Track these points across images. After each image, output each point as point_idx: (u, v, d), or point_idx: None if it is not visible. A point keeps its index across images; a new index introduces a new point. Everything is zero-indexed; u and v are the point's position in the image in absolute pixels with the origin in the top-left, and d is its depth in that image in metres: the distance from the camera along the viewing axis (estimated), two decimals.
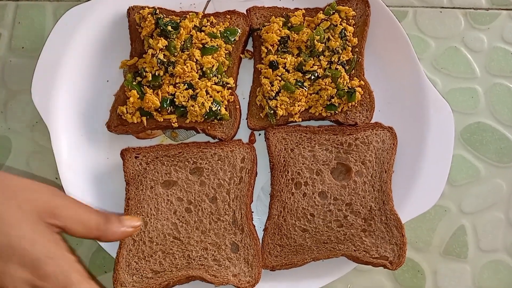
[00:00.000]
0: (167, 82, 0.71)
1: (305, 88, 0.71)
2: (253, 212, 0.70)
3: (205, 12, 0.78)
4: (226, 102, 0.72)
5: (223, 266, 0.65)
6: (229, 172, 0.69)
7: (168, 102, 0.70)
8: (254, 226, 0.68)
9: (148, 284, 0.64)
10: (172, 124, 0.70)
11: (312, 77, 0.72)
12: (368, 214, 0.67)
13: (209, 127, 0.71)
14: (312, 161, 0.69)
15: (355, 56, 0.74)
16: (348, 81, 0.72)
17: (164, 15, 0.73)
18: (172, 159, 0.68)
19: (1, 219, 0.48)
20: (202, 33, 0.73)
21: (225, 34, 0.73)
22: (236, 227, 0.67)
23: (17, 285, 0.47)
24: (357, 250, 0.66)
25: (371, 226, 0.67)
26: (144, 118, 0.70)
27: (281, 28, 0.74)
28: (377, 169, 0.69)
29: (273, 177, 0.70)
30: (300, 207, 0.67)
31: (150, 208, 0.67)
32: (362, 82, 0.73)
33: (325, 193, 0.68)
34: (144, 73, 0.71)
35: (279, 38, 0.73)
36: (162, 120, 0.70)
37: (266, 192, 0.71)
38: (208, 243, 0.66)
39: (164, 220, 0.67)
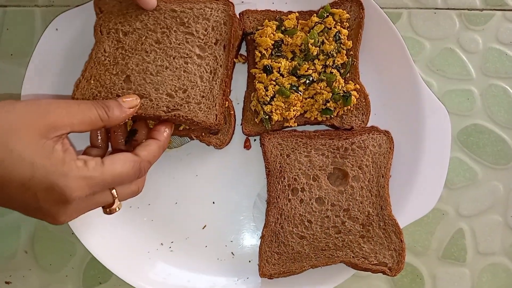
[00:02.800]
0: None
1: (300, 93, 0.70)
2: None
3: None
4: None
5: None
6: None
7: None
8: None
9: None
10: None
11: (307, 81, 0.71)
12: (366, 219, 0.66)
13: (203, 134, 0.70)
14: (309, 166, 0.68)
15: (350, 59, 0.73)
16: (343, 85, 0.71)
17: None
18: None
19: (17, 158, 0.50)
20: None
21: None
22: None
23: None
24: (356, 256, 0.65)
25: (369, 232, 0.66)
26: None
27: (274, 32, 0.73)
28: (374, 174, 0.68)
29: (269, 184, 0.69)
30: (297, 214, 0.66)
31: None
32: (358, 86, 0.72)
33: (322, 199, 0.67)
34: None
35: (273, 42, 0.72)
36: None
37: (263, 199, 0.70)
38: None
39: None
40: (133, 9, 0.70)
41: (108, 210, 0.58)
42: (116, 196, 0.57)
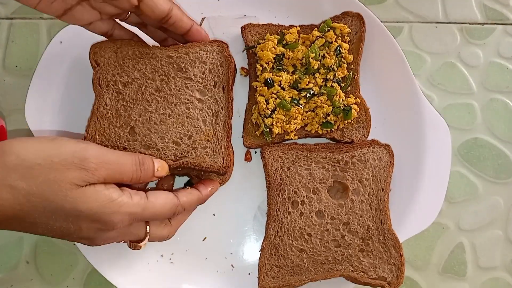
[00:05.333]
0: None
1: (300, 106, 0.71)
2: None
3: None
4: None
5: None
6: None
7: None
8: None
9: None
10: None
11: (308, 95, 0.71)
12: (365, 233, 0.66)
13: (202, 173, 0.69)
14: (309, 179, 0.69)
15: (351, 73, 0.73)
16: (344, 98, 0.72)
17: None
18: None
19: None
20: None
21: None
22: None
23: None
24: (355, 270, 0.65)
25: (369, 246, 0.66)
26: None
27: (276, 46, 0.73)
28: (374, 188, 0.68)
29: (269, 196, 0.69)
30: (297, 227, 0.67)
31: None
32: (358, 99, 0.73)
33: (322, 212, 0.67)
34: None
35: (274, 56, 0.73)
36: None
37: (263, 212, 0.71)
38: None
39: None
40: (129, 59, 0.69)
41: (134, 245, 0.60)
42: (149, 232, 0.59)
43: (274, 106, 0.71)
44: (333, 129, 0.72)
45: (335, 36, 0.74)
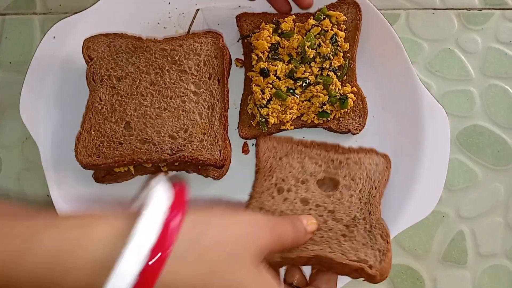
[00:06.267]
0: None
1: (296, 96, 0.70)
2: None
3: (194, 20, 0.77)
4: None
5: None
6: None
7: None
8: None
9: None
10: (161, 168, 0.69)
11: (304, 84, 0.70)
12: (351, 221, 0.63)
13: (200, 168, 0.69)
14: (300, 171, 0.67)
15: (347, 62, 0.72)
16: (340, 87, 0.71)
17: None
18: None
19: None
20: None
21: None
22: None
23: None
24: (333, 251, 0.60)
25: (353, 233, 0.62)
26: (131, 167, 0.68)
27: (271, 35, 0.73)
28: (366, 185, 0.66)
29: (256, 180, 0.67)
30: (278, 210, 0.64)
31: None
32: (355, 88, 0.72)
33: (308, 200, 0.65)
34: None
35: (270, 45, 0.72)
36: (150, 165, 0.69)
37: None
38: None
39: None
40: (122, 53, 0.69)
41: None
42: None
43: (269, 96, 0.70)
44: (329, 119, 0.71)
45: (331, 24, 0.73)
